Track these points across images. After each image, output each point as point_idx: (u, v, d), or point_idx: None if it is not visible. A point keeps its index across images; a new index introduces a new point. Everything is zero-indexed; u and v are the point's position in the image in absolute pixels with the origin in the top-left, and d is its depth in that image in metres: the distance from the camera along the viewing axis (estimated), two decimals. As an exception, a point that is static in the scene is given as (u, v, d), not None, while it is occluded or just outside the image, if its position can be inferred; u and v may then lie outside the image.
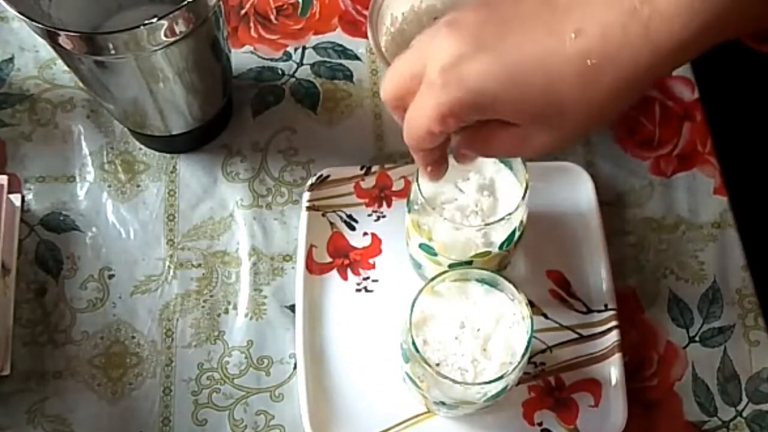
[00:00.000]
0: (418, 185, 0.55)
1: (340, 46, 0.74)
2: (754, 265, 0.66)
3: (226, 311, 0.64)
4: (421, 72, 0.42)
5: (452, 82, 0.41)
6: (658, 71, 0.40)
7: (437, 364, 0.53)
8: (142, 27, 0.53)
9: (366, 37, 0.71)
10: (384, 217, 0.66)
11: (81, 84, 0.67)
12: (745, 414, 0.61)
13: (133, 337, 0.63)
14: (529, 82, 0.40)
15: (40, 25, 0.53)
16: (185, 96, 0.63)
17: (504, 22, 0.41)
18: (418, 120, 0.43)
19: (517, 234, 0.56)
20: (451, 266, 0.57)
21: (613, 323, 0.61)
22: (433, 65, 0.41)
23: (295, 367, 0.62)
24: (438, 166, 0.49)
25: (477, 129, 0.44)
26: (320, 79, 0.73)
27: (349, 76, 0.73)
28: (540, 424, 0.59)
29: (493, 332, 0.54)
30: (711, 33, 0.38)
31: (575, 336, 0.62)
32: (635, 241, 0.67)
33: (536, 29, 0.40)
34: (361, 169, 0.67)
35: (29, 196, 0.68)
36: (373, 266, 0.65)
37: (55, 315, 0.64)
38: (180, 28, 0.55)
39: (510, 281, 0.53)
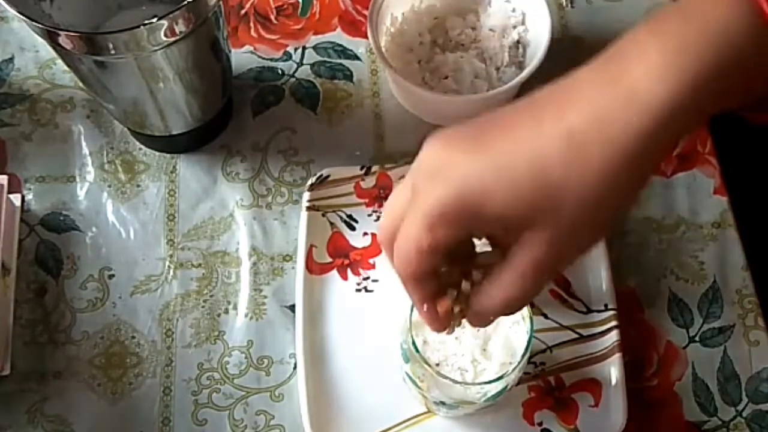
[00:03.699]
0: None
1: (340, 46, 0.74)
2: (754, 265, 0.66)
3: (226, 311, 0.64)
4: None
5: (437, 184, 0.39)
6: (650, 148, 0.38)
7: (437, 364, 0.53)
8: (142, 27, 0.53)
9: (366, 37, 0.71)
10: (384, 217, 0.66)
11: (81, 84, 0.67)
12: (745, 414, 0.61)
13: (133, 337, 0.63)
14: (515, 169, 0.38)
15: (40, 25, 0.53)
16: (185, 96, 0.63)
17: (486, 128, 0.40)
18: (407, 238, 0.40)
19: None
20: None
21: (613, 323, 0.61)
22: (419, 176, 0.40)
23: (295, 367, 0.62)
24: (434, 306, 0.43)
25: (480, 285, 0.42)
26: (320, 79, 0.73)
27: (349, 76, 0.73)
28: (540, 424, 0.59)
29: (493, 332, 0.54)
30: (705, 106, 0.37)
31: (575, 336, 0.62)
32: (635, 241, 0.67)
33: (519, 125, 0.39)
34: (361, 169, 0.67)
35: (29, 196, 0.68)
36: (373, 266, 0.65)
37: (55, 315, 0.64)
38: (180, 28, 0.55)
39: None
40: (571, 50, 0.73)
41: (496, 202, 0.38)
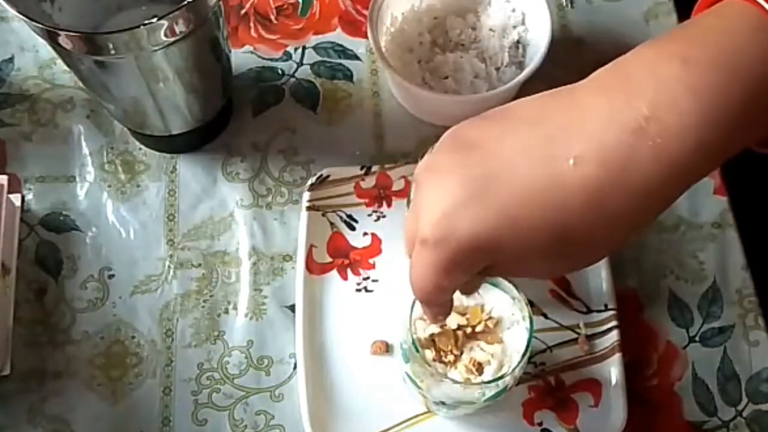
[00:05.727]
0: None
1: (340, 46, 0.74)
2: (754, 265, 0.66)
3: (226, 311, 0.64)
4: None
5: (445, 237, 0.37)
6: (674, 190, 0.36)
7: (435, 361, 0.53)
8: (142, 27, 0.53)
9: (366, 37, 0.71)
10: (384, 217, 0.66)
11: (81, 84, 0.67)
12: (745, 414, 0.61)
13: (133, 337, 0.63)
14: (530, 220, 0.36)
15: (40, 25, 0.53)
16: (185, 96, 0.63)
17: (489, 159, 0.37)
18: (424, 278, 0.40)
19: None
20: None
21: (613, 323, 0.61)
22: (423, 221, 0.38)
23: (295, 367, 0.62)
24: (448, 311, 0.45)
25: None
26: (320, 79, 0.73)
27: (349, 76, 0.73)
28: (540, 424, 0.59)
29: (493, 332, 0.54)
30: (728, 144, 0.35)
31: (575, 336, 0.62)
32: (635, 241, 0.66)
33: (528, 161, 0.37)
34: (361, 169, 0.67)
35: (29, 196, 0.68)
36: (373, 266, 0.65)
37: (55, 315, 0.64)
38: (180, 28, 0.55)
39: (510, 281, 0.53)
40: (571, 50, 0.73)
41: (510, 251, 0.37)
